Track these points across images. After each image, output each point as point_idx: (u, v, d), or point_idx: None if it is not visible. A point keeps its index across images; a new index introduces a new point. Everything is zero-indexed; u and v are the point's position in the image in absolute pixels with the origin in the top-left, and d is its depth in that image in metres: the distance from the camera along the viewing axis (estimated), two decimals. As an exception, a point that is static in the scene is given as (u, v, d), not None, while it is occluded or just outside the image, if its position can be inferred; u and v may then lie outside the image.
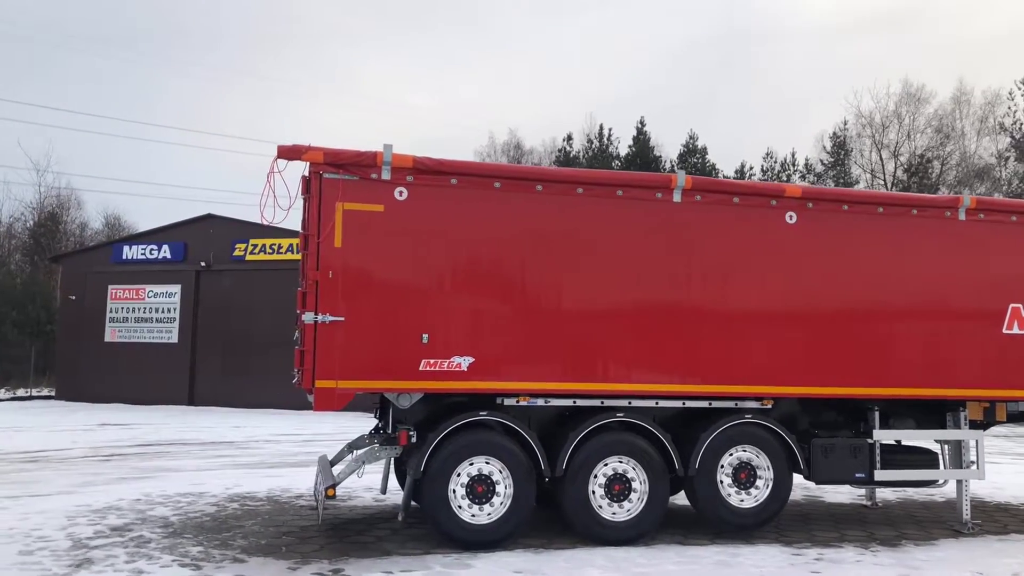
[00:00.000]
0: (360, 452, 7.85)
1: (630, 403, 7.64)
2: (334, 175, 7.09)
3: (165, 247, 28.70)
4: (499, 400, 7.41)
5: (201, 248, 28.17)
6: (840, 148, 49.13)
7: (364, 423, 21.95)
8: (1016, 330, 8.42)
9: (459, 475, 7.20)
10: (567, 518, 7.54)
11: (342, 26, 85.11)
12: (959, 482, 8.61)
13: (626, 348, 7.54)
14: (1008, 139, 46.24)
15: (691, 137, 51.31)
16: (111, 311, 29.04)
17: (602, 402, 7.60)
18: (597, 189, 7.60)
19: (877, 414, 8.16)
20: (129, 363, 28.21)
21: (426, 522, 7.89)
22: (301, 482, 10.73)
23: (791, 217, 7.98)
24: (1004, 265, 8.46)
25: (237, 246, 27.74)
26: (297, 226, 7.67)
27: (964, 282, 8.30)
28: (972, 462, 8.60)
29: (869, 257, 8.09)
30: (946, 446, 8.69)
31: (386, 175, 7.17)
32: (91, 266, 29.84)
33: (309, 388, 7.00)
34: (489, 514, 7.24)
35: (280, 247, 27.29)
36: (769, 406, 7.94)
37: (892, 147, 48.97)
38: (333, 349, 6.96)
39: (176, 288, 28.37)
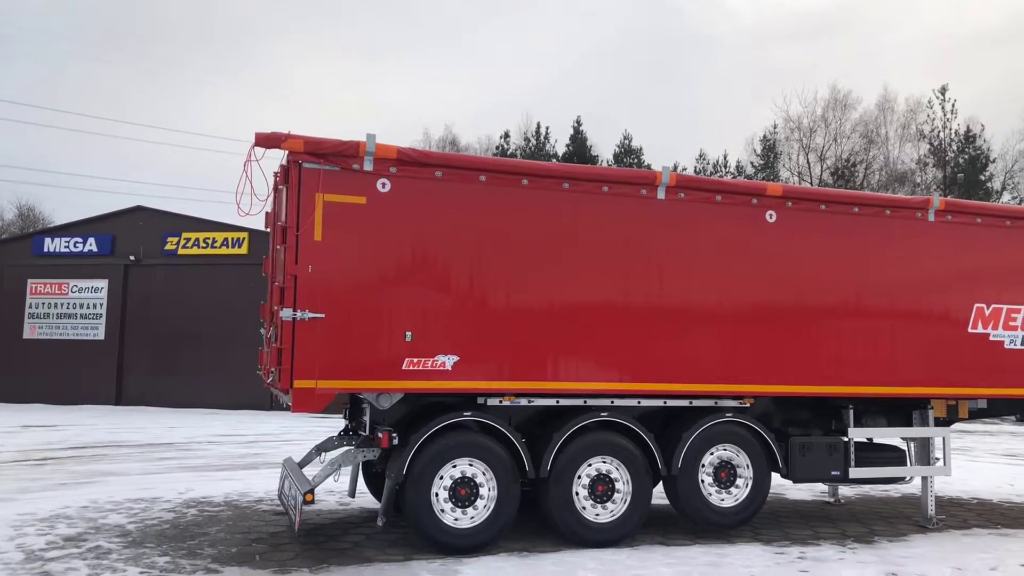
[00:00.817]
0: (336, 455, 7.52)
1: (612, 402, 7.53)
2: (314, 165, 6.76)
3: (91, 240, 27.43)
4: (481, 400, 7.20)
5: (130, 241, 27.02)
6: (770, 151, 50.35)
7: (304, 423, 21.51)
8: (980, 329, 8.62)
9: (442, 478, 6.97)
10: (550, 520, 7.38)
11: (269, 20, 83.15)
12: (924, 479, 8.78)
13: (610, 346, 7.41)
14: (927, 146, 48.20)
15: (626, 137, 51.92)
16: (30, 306, 27.59)
17: (585, 401, 7.48)
18: (583, 185, 7.46)
19: (852, 412, 8.25)
20: (50, 361, 26.86)
21: (400, 525, 7.64)
22: (257, 485, 10.30)
23: (771, 216, 7.98)
24: (969, 266, 8.64)
25: (169, 239, 26.72)
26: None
27: (934, 282, 8.45)
28: (937, 459, 8.78)
29: (845, 257, 8.15)
30: (912, 443, 8.84)
31: (368, 166, 6.89)
32: (8, 259, 28.31)
33: (286, 388, 6.66)
34: (472, 517, 7.02)
35: (215, 241, 26.42)
36: (748, 405, 7.94)
37: (819, 151, 50.44)
38: (313, 348, 6.64)
39: (103, 283, 27.15)
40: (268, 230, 8.85)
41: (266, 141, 6.74)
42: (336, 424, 21.39)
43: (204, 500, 9.25)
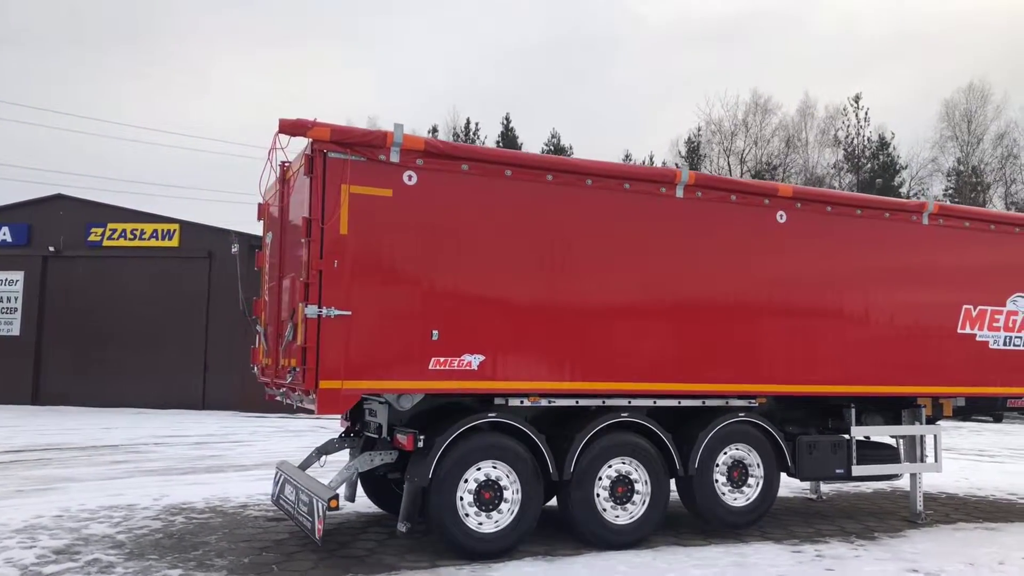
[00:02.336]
0: (353, 459, 7.21)
1: (630, 402, 7.45)
2: (340, 155, 6.43)
3: (4, 229, 25.81)
4: (503, 400, 7.00)
5: (49, 231, 25.54)
6: (694, 153, 51.47)
7: (246, 423, 20.84)
8: (968, 330, 8.91)
9: (467, 481, 6.74)
10: (571, 522, 7.25)
11: (197, 16, 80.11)
12: (912, 475, 9.02)
13: (632, 345, 7.32)
14: (842, 152, 50.15)
15: (553, 136, 52.22)
16: (-64, 299, 25.83)
17: (603, 402, 7.37)
18: (606, 181, 7.34)
19: (853, 411, 8.39)
20: (-42, 358, 25.21)
21: (412, 531, 7.38)
22: (234, 490, 9.83)
23: (781, 216, 8.04)
24: (958, 268, 8.92)
25: (93, 230, 25.37)
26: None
27: (928, 283, 8.67)
28: (927, 455, 9.04)
29: (850, 258, 8.28)
30: (901, 441, 9.08)
31: (395, 157, 6.59)
32: (-89, 248, 26.39)
33: (310, 389, 6.31)
34: (496, 521, 6.82)
35: (143, 232, 25.24)
36: (757, 404, 7.99)
37: (740, 154, 51.85)
38: (339, 346, 6.31)
39: (18, 275, 25.59)
40: (260, 222, 8.47)
41: (291, 128, 6.37)
42: (279, 424, 20.74)
43: (186, 507, 8.74)
